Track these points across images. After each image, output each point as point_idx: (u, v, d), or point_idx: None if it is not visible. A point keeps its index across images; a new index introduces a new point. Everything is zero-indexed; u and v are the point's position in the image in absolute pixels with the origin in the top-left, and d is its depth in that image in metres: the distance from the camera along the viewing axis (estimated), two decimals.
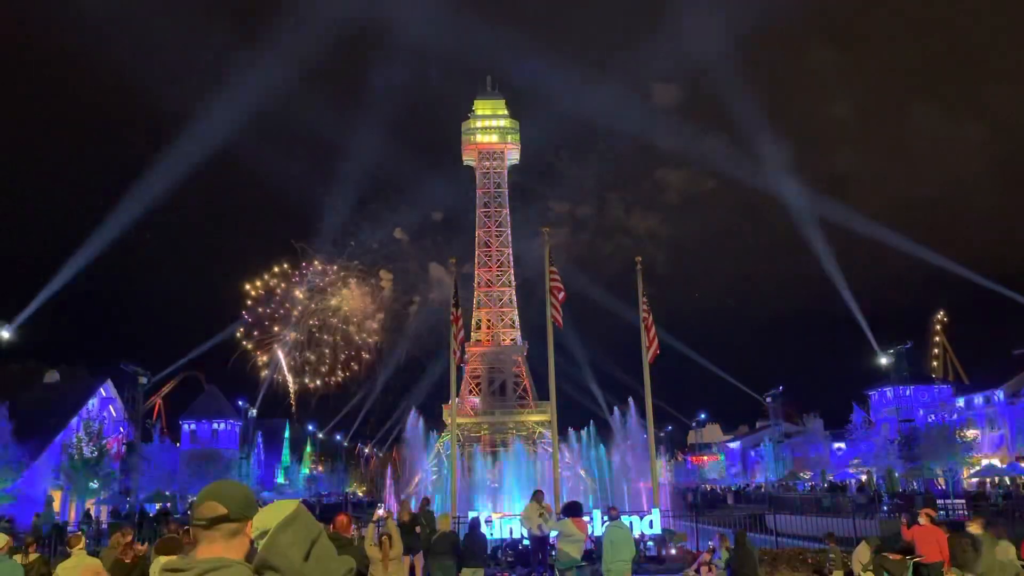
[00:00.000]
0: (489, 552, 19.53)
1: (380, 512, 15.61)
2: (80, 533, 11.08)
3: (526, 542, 20.12)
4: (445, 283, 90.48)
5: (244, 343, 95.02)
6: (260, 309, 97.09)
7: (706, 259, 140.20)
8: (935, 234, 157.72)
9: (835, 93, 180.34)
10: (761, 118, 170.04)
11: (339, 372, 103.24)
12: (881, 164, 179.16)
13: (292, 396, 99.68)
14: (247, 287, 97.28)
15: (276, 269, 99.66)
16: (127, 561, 9.49)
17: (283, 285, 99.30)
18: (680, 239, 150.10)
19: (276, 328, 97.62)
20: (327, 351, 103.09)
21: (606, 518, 16.53)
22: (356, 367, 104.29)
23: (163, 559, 6.09)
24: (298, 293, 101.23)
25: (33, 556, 11.42)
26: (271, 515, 2.37)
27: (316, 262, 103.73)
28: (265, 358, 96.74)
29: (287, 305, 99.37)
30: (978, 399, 64.22)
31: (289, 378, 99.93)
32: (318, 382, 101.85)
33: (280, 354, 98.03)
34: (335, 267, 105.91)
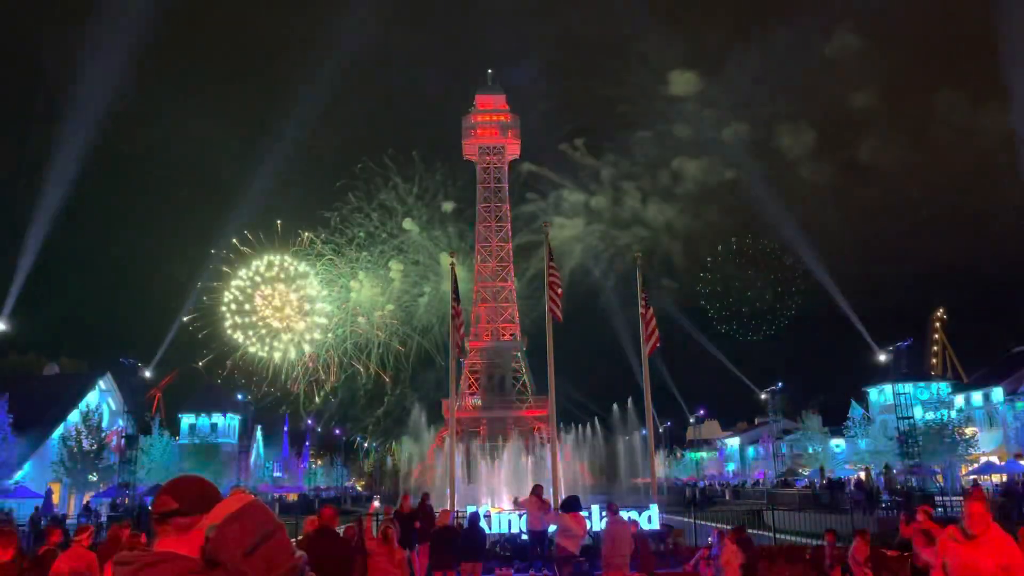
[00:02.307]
0: (488, 547, 19.57)
1: (375, 505, 15.65)
2: (89, 525, 11.04)
3: (524, 537, 20.17)
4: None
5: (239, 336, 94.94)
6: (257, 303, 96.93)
7: (711, 255, 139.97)
8: (935, 232, 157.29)
9: (856, 82, 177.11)
10: (777, 107, 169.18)
11: (340, 367, 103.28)
12: (886, 160, 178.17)
13: (295, 388, 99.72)
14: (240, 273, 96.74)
15: (275, 260, 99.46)
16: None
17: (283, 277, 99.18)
18: (694, 231, 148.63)
19: (276, 322, 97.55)
20: (330, 345, 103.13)
21: (605, 513, 16.55)
22: (359, 361, 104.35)
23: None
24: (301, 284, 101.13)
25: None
26: (222, 510, 2.40)
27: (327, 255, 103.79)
28: (265, 351, 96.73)
29: (288, 298, 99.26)
30: (977, 397, 64.26)
31: (289, 372, 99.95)
32: (319, 376, 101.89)
33: (280, 344, 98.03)
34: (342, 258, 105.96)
